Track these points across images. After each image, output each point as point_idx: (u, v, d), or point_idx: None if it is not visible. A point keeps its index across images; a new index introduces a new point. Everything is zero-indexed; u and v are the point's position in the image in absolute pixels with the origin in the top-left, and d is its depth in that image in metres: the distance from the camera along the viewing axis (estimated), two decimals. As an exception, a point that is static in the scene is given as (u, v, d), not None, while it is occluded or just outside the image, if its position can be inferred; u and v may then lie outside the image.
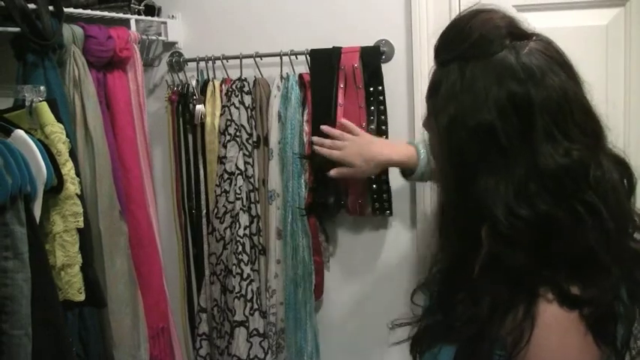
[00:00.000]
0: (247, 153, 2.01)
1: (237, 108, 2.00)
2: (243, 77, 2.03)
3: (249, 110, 2.02)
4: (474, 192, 1.01)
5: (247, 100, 2.01)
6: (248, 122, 2.02)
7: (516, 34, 1.04)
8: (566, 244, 0.98)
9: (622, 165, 1.07)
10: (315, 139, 1.84)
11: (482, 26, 1.03)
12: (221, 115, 2.02)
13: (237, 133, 1.99)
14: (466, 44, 1.03)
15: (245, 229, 2.01)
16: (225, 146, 2.00)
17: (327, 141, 1.81)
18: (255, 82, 2.02)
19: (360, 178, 1.90)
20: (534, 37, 1.05)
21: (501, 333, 0.97)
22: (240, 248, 2.00)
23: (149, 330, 1.96)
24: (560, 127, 0.99)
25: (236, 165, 2.00)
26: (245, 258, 2.01)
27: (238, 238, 2.00)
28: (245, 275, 2.00)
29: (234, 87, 2.02)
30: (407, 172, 1.75)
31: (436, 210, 1.18)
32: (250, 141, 2.02)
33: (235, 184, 2.00)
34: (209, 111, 2.05)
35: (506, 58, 1.01)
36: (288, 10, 2.09)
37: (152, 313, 1.99)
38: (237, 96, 2.01)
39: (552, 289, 0.96)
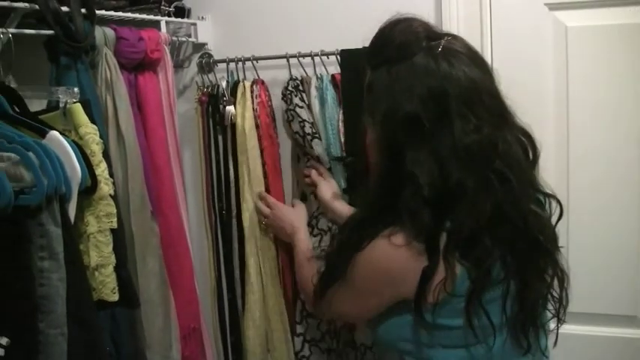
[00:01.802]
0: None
1: (301, 107, 1.98)
2: (294, 77, 2.02)
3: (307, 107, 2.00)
4: (403, 166, 1.22)
5: (305, 98, 2.00)
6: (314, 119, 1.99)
7: (432, 36, 1.26)
8: (469, 207, 1.20)
9: (528, 138, 1.31)
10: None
11: (402, 33, 1.27)
12: (291, 120, 1.99)
13: (314, 130, 1.97)
14: (390, 50, 1.26)
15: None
16: (312, 147, 1.97)
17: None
18: (302, 81, 2.01)
19: None
20: (447, 37, 1.27)
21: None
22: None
23: (180, 330, 1.96)
24: (471, 110, 1.21)
25: (329, 161, 1.99)
26: None
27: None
28: None
29: (290, 88, 2.00)
30: None
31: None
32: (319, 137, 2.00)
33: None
34: (239, 112, 2.04)
35: (423, 58, 1.23)
36: (317, 10, 2.09)
37: (183, 314, 1.99)
38: (296, 95, 1.99)
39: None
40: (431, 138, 1.21)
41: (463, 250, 1.23)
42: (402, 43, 1.25)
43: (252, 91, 2.05)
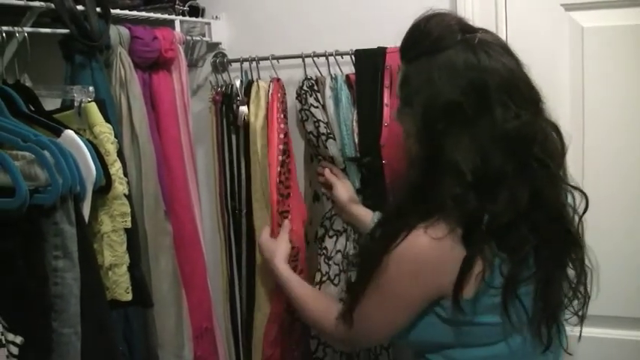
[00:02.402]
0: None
1: (316, 107, 1.96)
2: (308, 77, 2.01)
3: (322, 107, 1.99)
4: (443, 154, 1.25)
5: (320, 98, 1.98)
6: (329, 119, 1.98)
7: (466, 29, 1.31)
8: (509, 194, 1.22)
9: (557, 132, 1.33)
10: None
11: (437, 26, 1.30)
12: (305, 120, 1.98)
13: (329, 130, 1.96)
14: (428, 42, 1.29)
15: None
16: (326, 147, 1.96)
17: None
18: (317, 81, 2.00)
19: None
20: (480, 31, 1.32)
21: None
22: (358, 238, 1.98)
23: (193, 330, 1.96)
24: (511, 98, 1.24)
25: (343, 162, 1.97)
26: (357, 246, 1.99)
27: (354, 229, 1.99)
28: None
29: (305, 87, 1.98)
30: None
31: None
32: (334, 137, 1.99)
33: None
34: (252, 111, 2.04)
35: (461, 50, 1.26)
36: (331, 10, 2.09)
37: (196, 313, 1.99)
38: (311, 95, 1.97)
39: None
40: (472, 125, 1.24)
41: (500, 239, 1.25)
42: (439, 35, 1.28)
43: (267, 90, 2.04)
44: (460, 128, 1.24)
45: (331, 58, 1.97)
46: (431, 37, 1.29)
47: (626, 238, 1.95)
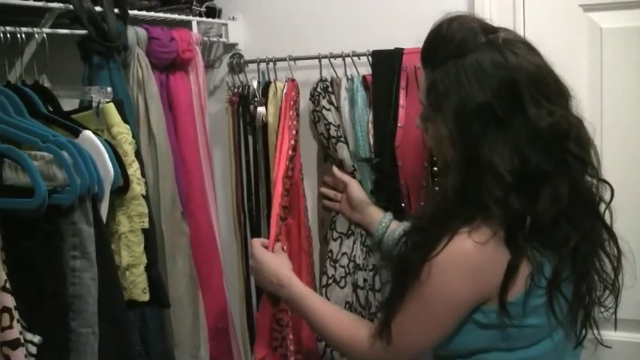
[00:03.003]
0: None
1: (328, 110, 1.96)
2: (323, 78, 2.00)
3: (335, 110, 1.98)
4: (479, 157, 1.23)
5: (334, 100, 1.97)
6: (342, 122, 1.97)
7: (488, 29, 1.30)
8: (551, 191, 1.22)
9: (582, 125, 1.32)
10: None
11: (459, 29, 1.29)
12: (317, 122, 1.97)
13: (339, 134, 1.95)
14: (452, 47, 1.28)
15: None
16: (336, 150, 1.95)
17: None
18: (331, 82, 1.99)
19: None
20: (501, 30, 1.32)
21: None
22: (365, 240, 1.97)
23: (209, 330, 1.96)
24: (542, 94, 1.24)
25: (352, 166, 1.96)
26: (364, 249, 1.97)
27: (363, 232, 1.96)
28: (371, 266, 1.96)
29: (319, 89, 1.97)
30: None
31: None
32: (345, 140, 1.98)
33: None
34: (271, 112, 2.04)
35: (487, 51, 1.26)
36: (348, 11, 2.08)
37: (212, 314, 1.99)
38: (324, 97, 1.96)
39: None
40: (506, 126, 1.23)
41: (544, 238, 1.24)
42: (462, 39, 1.27)
43: (283, 90, 2.02)
44: (494, 130, 1.23)
45: (348, 59, 1.97)
46: (454, 41, 1.28)
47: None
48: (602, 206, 1.36)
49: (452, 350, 1.36)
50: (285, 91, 2.00)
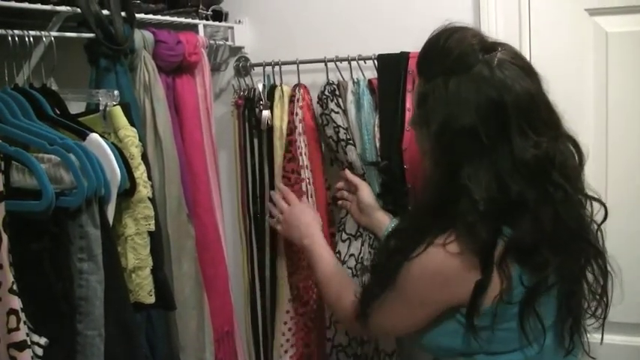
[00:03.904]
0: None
1: (337, 113, 1.95)
2: (330, 81, 2.00)
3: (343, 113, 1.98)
4: (458, 179, 1.22)
5: (342, 103, 1.97)
6: (349, 125, 1.97)
7: (486, 47, 1.28)
8: (531, 220, 1.21)
9: (575, 146, 1.31)
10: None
11: (458, 44, 1.27)
12: (325, 125, 1.97)
13: (349, 136, 1.94)
14: (447, 62, 1.27)
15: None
16: (345, 152, 1.95)
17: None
18: (338, 85, 1.98)
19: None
20: (500, 48, 1.28)
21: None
22: (373, 242, 1.97)
23: (214, 333, 1.97)
24: (530, 124, 1.22)
25: (362, 168, 1.96)
26: (372, 251, 1.97)
27: (371, 235, 1.96)
28: None
29: (326, 92, 1.97)
30: None
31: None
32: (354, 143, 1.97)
33: None
34: (277, 115, 2.03)
35: (481, 71, 1.24)
36: (354, 15, 2.09)
37: (217, 317, 2.00)
38: (332, 100, 1.96)
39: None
40: (489, 152, 1.22)
41: (520, 259, 1.24)
42: (460, 55, 1.27)
43: (294, 95, 2.03)
44: (476, 155, 1.23)
45: (354, 63, 1.97)
46: (450, 56, 1.27)
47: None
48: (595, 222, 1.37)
49: (439, 348, 1.40)
50: (301, 103, 2.01)
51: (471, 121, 1.21)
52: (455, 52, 1.27)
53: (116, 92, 1.52)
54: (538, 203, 1.22)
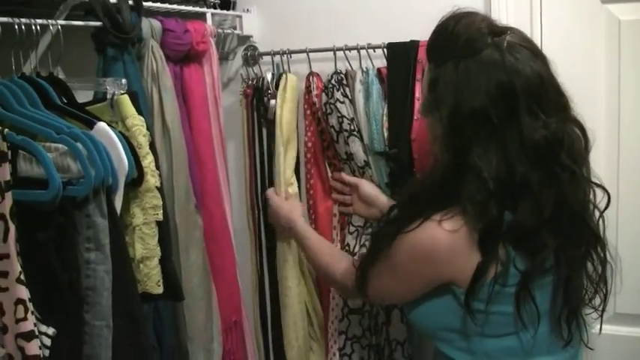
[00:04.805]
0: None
1: (342, 102, 1.94)
2: (338, 70, 1.98)
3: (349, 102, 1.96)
4: (468, 159, 1.24)
5: (349, 92, 1.95)
6: (356, 115, 1.95)
7: (495, 31, 1.28)
8: (533, 202, 1.23)
9: (582, 130, 1.32)
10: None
11: (467, 29, 1.28)
12: (329, 114, 1.96)
13: (353, 127, 1.93)
14: (457, 46, 1.28)
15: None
16: (347, 143, 1.94)
17: None
18: (346, 74, 1.97)
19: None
20: (509, 32, 1.29)
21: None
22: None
23: (222, 323, 1.97)
24: (539, 106, 1.23)
25: (364, 160, 1.95)
26: None
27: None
28: None
29: (333, 81, 1.95)
30: None
31: None
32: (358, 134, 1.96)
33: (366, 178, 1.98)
34: (279, 104, 2.01)
35: (491, 54, 1.25)
36: (364, 3, 2.07)
37: (225, 307, 1.99)
38: (338, 90, 1.94)
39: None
40: (498, 133, 1.23)
41: (518, 243, 1.26)
42: (468, 39, 1.27)
43: (308, 84, 2.02)
44: (487, 136, 1.24)
45: (363, 52, 1.95)
46: (460, 41, 1.28)
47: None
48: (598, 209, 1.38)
49: (436, 327, 1.41)
50: (316, 92, 2.01)
51: (481, 104, 1.23)
52: (463, 37, 1.28)
53: (124, 81, 1.50)
54: (542, 186, 1.23)
